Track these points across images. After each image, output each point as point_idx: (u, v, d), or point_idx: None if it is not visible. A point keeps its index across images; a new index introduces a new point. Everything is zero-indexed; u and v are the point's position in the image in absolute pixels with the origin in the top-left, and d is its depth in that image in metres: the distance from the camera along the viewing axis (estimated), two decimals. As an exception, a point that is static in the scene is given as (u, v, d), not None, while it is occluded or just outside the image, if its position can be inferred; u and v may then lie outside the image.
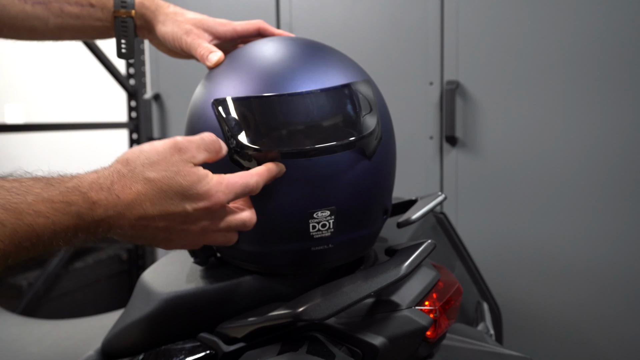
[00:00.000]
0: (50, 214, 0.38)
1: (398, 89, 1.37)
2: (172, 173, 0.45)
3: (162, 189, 0.44)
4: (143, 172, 0.45)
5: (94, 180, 0.43)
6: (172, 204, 0.45)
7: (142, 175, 0.44)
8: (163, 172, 0.45)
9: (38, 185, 0.40)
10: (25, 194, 0.38)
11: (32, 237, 0.37)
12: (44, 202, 0.38)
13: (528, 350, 1.29)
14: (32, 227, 0.37)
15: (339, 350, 0.51)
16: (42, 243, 0.38)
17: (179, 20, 0.64)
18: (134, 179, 0.44)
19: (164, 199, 0.45)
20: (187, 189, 0.45)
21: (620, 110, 1.17)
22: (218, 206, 0.47)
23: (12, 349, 0.73)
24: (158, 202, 0.44)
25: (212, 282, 0.56)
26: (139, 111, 1.94)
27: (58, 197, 0.40)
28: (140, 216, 0.44)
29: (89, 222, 0.41)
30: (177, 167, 0.45)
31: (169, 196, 0.45)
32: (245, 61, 0.57)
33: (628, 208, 1.19)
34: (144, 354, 0.56)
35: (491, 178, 1.30)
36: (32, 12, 0.63)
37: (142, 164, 0.45)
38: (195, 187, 0.45)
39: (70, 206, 0.40)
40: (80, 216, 0.40)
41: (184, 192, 0.45)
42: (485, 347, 0.64)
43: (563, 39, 1.21)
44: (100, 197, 0.42)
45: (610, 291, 1.22)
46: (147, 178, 0.44)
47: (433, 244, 0.55)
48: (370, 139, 0.54)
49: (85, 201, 0.41)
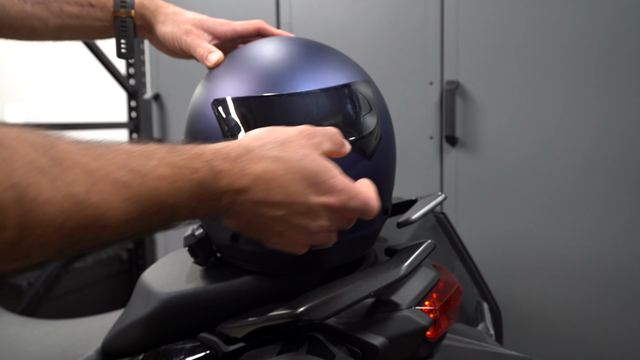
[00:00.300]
0: (174, 178, 0.37)
1: (398, 89, 1.37)
2: (302, 155, 0.43)
3: (289, 170, 0.43)
4: (273, 149, 0.43)
5: (219, 149, 0.42)
6: (297, 190, 0.43)
7: (271, 153, 0.43)
8: (292, 152, 0.43)
9: (162, 150, 0.38)
10: (149, 158, 0.37)
11: (157, 203, 0.36)
12: (168, 166, 0.37)
13: (528, 350, 1.29)
14: (156, 192, 0.36)
15: (339, 350, 0.51)
16: (166, 210, 0.37)
17: (179, 20, 0.64)
18: (262, 154, 0.42)
19: (290, 182, 0.43)
20: (315, 175, 0.43)
21: (621, 108, 1.17)
22: (338, 205, 0.45)
23: (12, 349, 0.73)
24: (284, 184, 0.42)
25: (212, 282, 0.56)
26: (139, 111, 1.94)
27: (182, 162, 0.38)
28: (263, 198, 0.42)
29: (213, 192, 0.40)
30: (306, 150, 0.44)
31: (296, 180, 0.43)
32: (245, 61, 0.57)
33: (628, 208, 1.19)
34: (144, 354, 0.56)
35: (491, 178, 1.30)
36: (31, 12, 0.63)
37: (272, 141, 0.44)
38: (322, 175, 0.44)
39: (194, 173, 0.38)
40: (205, 185, 0.39)
41: (311, 178, 0.43)
42: (485, 347, 0.64)
43: (563, 39, 1.21)
44: (225, 166, 0.40)
45: (610, 291, 1.22)
46: (277, 156, 0.43)
47: (433, 244, 0.55)
48: (370, 138, 0.54)
49: (209, 169, 0.40)
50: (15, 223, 0.27)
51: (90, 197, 0.31)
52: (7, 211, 0.27)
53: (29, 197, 0.28)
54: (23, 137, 0.30)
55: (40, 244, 0.29)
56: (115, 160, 0.34)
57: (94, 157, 0.33)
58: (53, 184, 0.29)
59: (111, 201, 0.32)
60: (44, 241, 0.29)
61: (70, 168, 0.31)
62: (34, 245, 0.29)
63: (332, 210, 0.45)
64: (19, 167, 0.28)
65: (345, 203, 0.45)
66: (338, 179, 0.45)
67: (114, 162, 0.34)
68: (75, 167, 0.31)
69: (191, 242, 0.59)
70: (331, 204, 0.45)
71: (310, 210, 0.44)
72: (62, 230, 0.30)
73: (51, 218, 0.29)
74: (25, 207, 0.27)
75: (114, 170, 0.33)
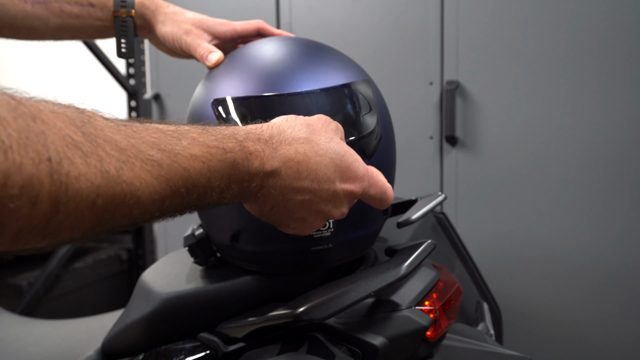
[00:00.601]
0: (206, 158, 0.37)
1: (398, 89, 1.37)
2: (328, 138, 0.45)
3: (319, 152, 0.44)
4: (302, 131, 0.44)
5: (251, 130, 0.42)
6: (325, 174, 0.44)
7: (302, 134, 0.44)
8: (320, 134, 0.45)
9: (195, 130, 0.39)
10: (182, 137, 0.37)
11: (188, 182, 0.36)
12: (200, 146, 0.37)
13: (528, 350, 1.29)
14: (188, 171, 0.36)
15: (339, 350, 0.51)
16: (196, 190, 0.37)
17: (179, 20, 0.64)
18: (294, 136, 0.43)
19: (319, 166, 0.43)
20: (341, 157, 0.45)
21: (621, 107, 1.17)
22: (360, 192, 0.46)
23: (12, 349, 0.73)
24: (313, 166, 0.43)
25: (212, 282, 0.56)
26: (139, 111, 1.94)
27: (214, 142, 0.38)
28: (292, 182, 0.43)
29: (244, 173, 0.40)
30: (330, 134, 0.46)
31: (324, 163, 0.44)
32: (245, 61, 0.57)
33: (628, 208, 1.18)
34: (144, 354, 0.56)
35: (491, 178, 1.30)
36: (32, 12, 0.63)
37: (301, 124, 0.45)
38: (347, 157, 0.45)
39: (226, 153, 0.39)
40: (236, 166, 0.39)
41: (338, 160, 0.44)
42: (485, 347, 0.64)
43: (563, 38, 1.21)
44: (257, 148, 0.41)
45: (610, 291, 1.22)
46: (307, 138, 0.44)
47: (433, 244, 0.55)
48: (370, 138, 0.54)
49: (241, 150, 0.40)
50: (48, 197, 0.27)
51: (122, 174, 0.31)
52: (41, 185, 0.27)
53: (63, 172, 0.28)
54: (59, 111, 0.30)
55: (73, 219, 0.29)
56: (148, 139, 0.34)
57: (127, 134, 0.33)
58: (86, 159, 0.29)
59: (142, 179, 0.33)
60: (76, 217, 0.29)
61: (103, 145, 0.31)
62: (66, 220, 0.29)
63: (354, 197, 0.46)
64: (53, 142, 0.28)
65: (366, 190, 0.46)
66: (360, 164, 0.46)
67: (147, 140, 0.34)
68: (108, 144, 0.31)
69: (191, 242, 0.59)
70: (354, 190, 0.46)
71: (334, 196, 0.45)
72: (94, 206, 0.30)
73: (84, 194, 0.29)
74: (59, 181, 0.27)
75: (147, 149, 0.34)
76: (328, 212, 0.46)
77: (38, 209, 0.27)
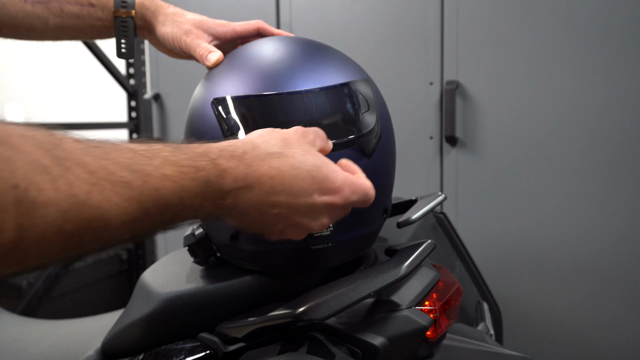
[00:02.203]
0: (178, 177, 0.37)
1: (398, 89, 1.37)
2: (304, 151, 0.44)
3: (294, 165, 0.43)
4: (276, 145, 0.44)
5: (224, 147, 0.42)
6: (301, 187, 0.43)
7: (276, 148, 0.43)
8: (295, 147, 0.44)
9: (167, 149, 0.38)
10: (153, 157, 0.36)
11: (159, 203, 0.35)
12: (171, 165, 0.37)
13: (528, 350, 1.29)
14: (159, 191, 0.35)
15: (339, 350, 0.51)
16: (169, 210, 0.37)
17: (179, 20, 0.64)
18: (267, 150, 0.43)
19: (295, 179, 0.43)
20: (318, 168, 0.44)
21: (621, 107, 1.17)
22: (342, 203, 0.45)
23: (12, 349, 0.73)
24: (289, 180, 0.43)
25: (212, 282, 0.56)
26: (139, 111, 1.94)
27: (186, 161, 0.38)
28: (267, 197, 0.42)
29: (217, 191, 0.40)
30: (306, 147, 0.45)
31: (301, 175, 0.43)
32: (244, 60, 0.57)
33: (628, 208, 1.18)
34: (144, 354, 0.56)
35: (491, 178, 1.30)
36: (31, 12, 0.63)
37: (276, 138, 0.44)
38: (324, 169, 0.45)
39: (198, 171, 0.38)
40: (209, 184, 0.39)
41: (314, 172, 0.44)
42: (485, 347, 0.64)
43: (563, 38, 1.21)
44: (230, 165, 0.40)
45: (610, 291, 1.21)
46: (281, 152, 0.43)
47: (433, 244, 0.55)
48: (369, 137, 0.54)
49: (214, 168, 0.39)
50: (13, 225, 0.27)
51: (91, 197, 0.31)
52: (6, 213, 0.26)
53: (29, 199, 0.27)
54: (28, 135, 0.29)
55: (39, 246, 0.28)
56: (118, 159, 0.34)
57: (97, 156, 0.33)
58: (54, 184, 0.29)
59: (112, 201, 0.32)
60: (43, 243, 0.29)
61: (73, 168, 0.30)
62: (32, 248, 0.28)
63: (335, 208, 0.46)
64: (21, 167, 0.27)
65: (348, 198, 0.46)
66: (338, 174, 0.45)
67: (118, 161, 0.34)
68: (78, 167, 0.31)
69: (191, 241, 0.59)
70: (334, 202, 0.45)
71: (312, 209, 0.45)
72: (62, 231, 0.29)
73: (51, 220, 0.28)
74: (25, 209, 0.27)
75: (117, 170, 0.33)
76: (307, 225, 0.46)
77: (2, 237, 0.26)
